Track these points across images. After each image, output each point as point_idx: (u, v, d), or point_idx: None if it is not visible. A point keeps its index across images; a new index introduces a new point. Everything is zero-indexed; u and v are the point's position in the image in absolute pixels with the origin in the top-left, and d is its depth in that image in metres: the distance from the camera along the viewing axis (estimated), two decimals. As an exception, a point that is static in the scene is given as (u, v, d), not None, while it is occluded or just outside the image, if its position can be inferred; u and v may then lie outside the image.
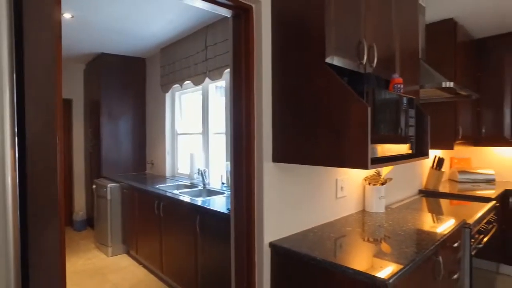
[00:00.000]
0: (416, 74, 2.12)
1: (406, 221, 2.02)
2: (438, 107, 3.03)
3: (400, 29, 1.90)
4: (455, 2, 2.73)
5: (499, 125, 3.55)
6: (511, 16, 3.04)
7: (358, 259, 1.42)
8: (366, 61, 1.56)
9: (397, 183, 2.66)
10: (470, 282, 2.09)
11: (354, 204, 2.22)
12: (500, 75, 3.53)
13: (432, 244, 1.58)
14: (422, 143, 1.83)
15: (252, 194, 1.65)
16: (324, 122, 1.42)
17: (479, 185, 3.44)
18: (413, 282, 1.42)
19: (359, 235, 1.76)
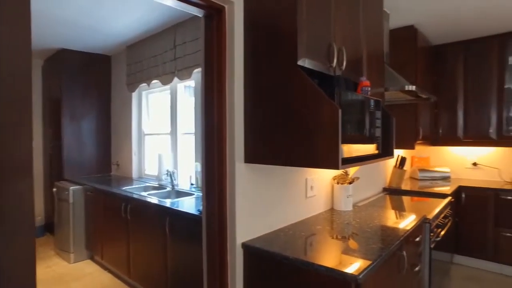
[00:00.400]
0: (382, 77, 2.21)
1: (372, 219, 2.10)
2: (400, 109, 3.19)
3: (367, 34, 1.98)
4: (414, 10, 2.88)
5: (453, 126, 3.80)
6: (464, 25, 3.26)
7: (329, 257, 1.46)
8: (336, 64, 1.60)
9: (363, 182, 2.77)
10: (429, 273, 2.22)
11: (323, 203, 2.28)
12: (454, 80, 3.78)
13: (397, 240, 1.66)
14: (388, 143, 1.91)
15: (224, 194, 1.64)
16: (296, 123, 1.44)
17: (437, 182, 3.66)
18: (380, 276, 1.48)
19: (329, 233, 1.81)
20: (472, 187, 3.45)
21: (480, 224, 3.40)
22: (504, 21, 3.18)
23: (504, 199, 3.28)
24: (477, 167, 3.90)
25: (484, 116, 3.61)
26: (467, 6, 2.82)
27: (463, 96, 3.73)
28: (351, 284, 1.28)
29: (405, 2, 2.70)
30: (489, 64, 3.58)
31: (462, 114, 3.75)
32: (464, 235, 3.47)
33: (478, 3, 2.76)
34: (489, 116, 3.58)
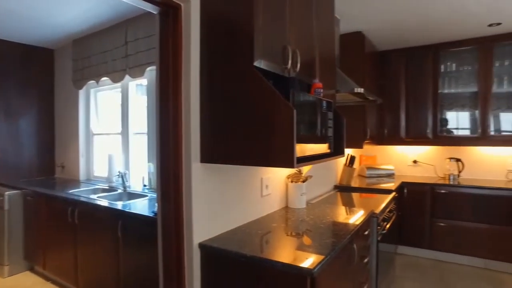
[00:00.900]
0: (333, 79, 2.32)
1: (325, 215, 2.19)
2: (350, 110, 3.36)
3: (320, 38, 2.07)
4: (361, 17, 3.06)
5: (397, 127, 4.09)
6: (406, 34, 3.53)
7: (285, 253, 1.51)
8: (290, 66, 1.65)
9: (316, 180, 2.87)
10: (376, 263, 2.37)
11: (278, 201, 2.34)
12: (397, 84, 4.08)
13: (348, 234, 1.75)
14: (339, 142, 2.01)
15: (180, 195, 1.62)
16: (252, 123, 1.47)
17: (383, 179, 3.91)
18: (333, 269, 1.56)
19: (284, 230, 1.86)
20: (412, 182, 3.75)
21: (419, 216, 3.70)
22: (437, 33, 3.50)
23: (438, 192, 3.61)
24: (416, 164, 4.24)
25: (422, 118, 3.94)
26: (406, 18, 3.05)
27: (405, 99, 4.04)
28: (306, 278, 1.33)
29: (353, 9, 2.86)
30: (426, 70, 3.91)
31: (404, 115, 4.05)
32: (405, 227, 3.75)
33: (415, 17, 3.00)
34: (426, 118, 3.92)
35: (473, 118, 3.78)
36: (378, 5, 2.80)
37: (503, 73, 3.63)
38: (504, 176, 3.80)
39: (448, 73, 3.90)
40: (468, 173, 3.91)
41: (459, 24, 3.26)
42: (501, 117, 3.68)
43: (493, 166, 3.86)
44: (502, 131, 3.67)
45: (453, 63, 3.89)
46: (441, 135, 3.89)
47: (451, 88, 3.89)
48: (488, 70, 3.63)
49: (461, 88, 3.84)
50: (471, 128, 3.80)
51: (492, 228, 3.38)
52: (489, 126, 3.65)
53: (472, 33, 3.54)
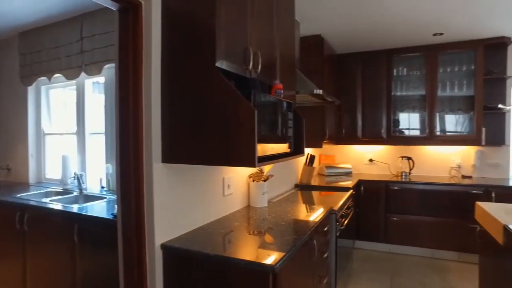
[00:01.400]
0: (293, 80, 2.39)
1: (286, 213, 2.25)
2: (309, 111, 3.47)
3: (280, 40, 2.12)
4: (320, 21, 3.17)
5: (354, 127, 4.28)
6: (362, 39, 3.70)
7: (247, 251, 1.53)
8: (251, 67, 1.68)
9: (277, 179, 2.93)
10: (335, 258, 2.47)
11: (240, 201, 2.36)
12: (354, 86, 4.27)
13: (308, 231, 1.82)
14: (299, 142, 2.08)
15: (141, 196, 1.59)
16: (214, 124, 1.48)
17: (341, 177, 4.08)
18: (294, 265, 1.61)
19: (246, 229, 1.89)
20: (368, 180, 3.94)
21: (374, 212, 3.91)
22: (390, 39, 3.72)
23: (392, 189, 3.83)
24: (372, 163, 4.47)
25: (377, 119, 4.16)
26: (361, 24, 3.21)
27: (361, 101, 4.24)
28: (269, 274, 1.37)
29: (313, 13, 2.95)
30: (380, 74, 4.14)
31: (360, 116, 4.25)
32: (362, 222, 3.94)
33: (369, 24, 3.17)
34: (381, 119, 4.14)
35: (422, 119, 4.06)
36: (335, 10, 2.92)
37: (446, 78, 3.94)
38: (447, 173, 4.12)
39: (400, 77, 4.16)
40: (418, 171, 4.19)
41: (408, 32, 3.48)
42: (445, 118, 3.99)
43: (438, 164, 4.18)
44: (446, 131, 3.97)
45: (405, 67, 4.14)
46: (394, 135, 4.13)
47: (402, 91, 4.14)
48: (433, 75, 3.91)
49: (412, 91, 4.10)
50: (420, 129, 4.08)
51: (438, 220, 3.66)
52: (435, 126, 3.93)
53: (420, 41, 3.80)
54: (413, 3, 2.78)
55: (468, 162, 4.07)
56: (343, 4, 2.79)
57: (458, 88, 3.91)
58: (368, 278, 3.25)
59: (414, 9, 2.90)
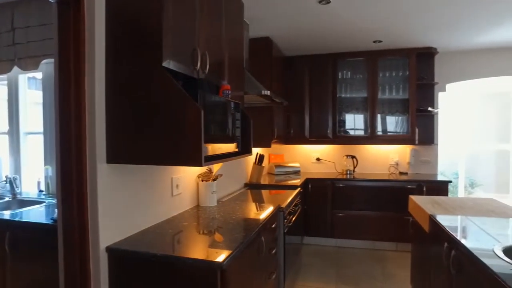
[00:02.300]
0: (242, 81, 2.43)
1: (235, 211, 2.29)
2: (258, 111, 3.54)
3: (229, 41, 2.15)
4: (269, 23, 3.25)
5: (302, 127, 4.45)
6: (308, 42, 3.86)
7: (196, 250, 1.55)
8: (199, 68, 1.70)
9: (226, 179, 2.96)
10: (284, 254, 2.56)
11: (189, 200, 2.35)
12: (302, 88, 4.43)
13: (256, 228, 1.87)
14: (246, 142, 2.12)
15: (84, 199, 1.53)
16: (161, 123, 1.47)
17: (290, 176, 4.21)
18: (243, 261, 1.65)
19: (196, 228, 1.89)
20: (316, 178, 4.12)
21: (321, 208, 4.09)
22: (335, 43, 3.92)
23: (337, 186, 4.05)
24: (319, 161, 4.68)
25: (323, 119, 4.36)
26: (308, 28, 3.35)
27: (308, 102, 4.41)
28: (217, 271, 1.39)
29: (261, 15, 3.02)
30: (326, 76, 4.34)
31: (308, 117, 4.42)
32: (310, 219, 4.11)
33: (316, 29, 3.32)
34: (327, 119, 4.35)
35: (364, 120, 4.33)
36: (283, 14, 3.02)
37: (385, 82, 4.25)
38: (387, 170, 4.45)
39: (345, 79, 4.40)
40: (361, 168, 4.46)
41: (351, 38, 3.71)
42: (385, 119, 4.30)
43: (379, 162, 4.49)
44: (386, 131, 4.29)
45: (349, 71, 4.40)
46: (339, 135, 4.36)
47: (347, 93, 4.39)
48: (374, 79, 4.20)
49: (355, 94, 4.36)
50: (363, 129, 4.35)
51: (378, 214, 3.93)
52: (376, 127, 4.22)
53: (362, 46, 4.06)
54: (354, 13, 2.97)
55: (405, 159, 4.43)
56: (290, 9, 2.90)
57: (396, 92, 4.23)
58: (316, 272, 3.40)
59: (355, 18, 3.09)
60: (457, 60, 4.32)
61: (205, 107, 1.51)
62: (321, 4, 2.77)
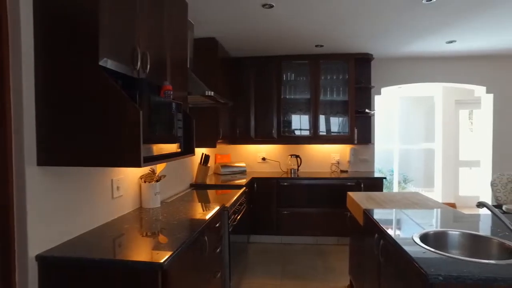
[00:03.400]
0: (185, 82, 2.42)
1: (179, 212, 2.28)
2: (203, 112, 3.53)
3: (172, 41, 2.13)
4: (214, 24, 3.27)
5: (247, 127, 4.52)
6: (254, 44, 3.94)
7: (137, 252, 1.52)
8: (139, 67, 1.67)
9: (171, 179, 2.93)
10: (229, 252, 2.60)
11: (131, 202, 2.29)
12: (248, 89, 4.51)
13: (199, 227, 1.88)
14: (189, 142, 2.12)
15: (9, 205, 1.43)
16: (97, 124, 1.43)
17: (236, 175, 4.26)
18: (185, 261, 1.65)
19: (137, 230, 1.86)
20: (261, 177, 4.22)
21: (267, 207, 4.20)
22: (280, 46, 4.05)
23: (282, 185, 4.18)
24: (265, 161, 4.79)
25: (268, 120, 4.48)
26: (253, 30, 3.43)
27: (254, 103, 4.50)
28: (158, 271, 1.39)
29: (206, 15, 3.03)
30: (271, 78, 4.46)
31: (253, 117, 4.51)
32: (257, 217, 4.20)
33: (260, 31, 3.41)
34: (272, 120, 4.47)
35: (308, 120, 4.52)
36: (228, 16, 3.05)
37: (327, 85, 4.48)
38: (329, 168, 4.69)
39: (289, 81, 4.55)
40: (305, 167, 4.65)
41: (294, 41, 3.86)
42: (327, 120, 4.53)
43: (322, 160, 4.72)
44: (328, 131, 4.52)
45: (293, 73, 4.56)
46: (284, 135, 4.50)
47: (291, 95, 4.55)
48: (317, 82, 4.41)
49: (299, 95, 4.53)
50: (307, 129, 4.53)
51: (321, 211, 4.14)
52: (318, 127, 4.43)
53: (305, 50, 4.24)
54: (297, 18, 3.10)
55: (345, 158, 4.71)
56: (234, 12, 2.94)
57: (336, 94, 4.48)
58: (262, 269, 3.49)
59: (298, 23, 3.23)
60: (390, 66, 4.70)
61: (145, 107, 1.49)
62: (265, 8, 2.86)
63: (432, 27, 3.38)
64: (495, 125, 4.78)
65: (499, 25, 3.36)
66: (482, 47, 4.18)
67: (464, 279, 1.22)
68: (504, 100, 4.75)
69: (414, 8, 2.88)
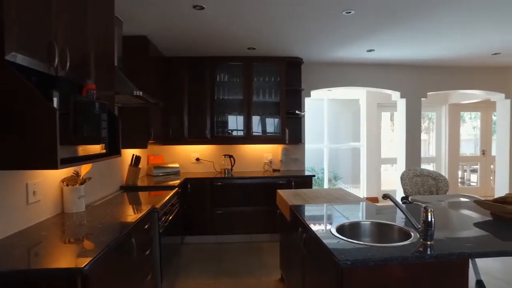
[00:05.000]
0: (112, 81, 2.33)
1: (105, 215, 2.20)
2: (133, 112, 3.42)
3: (96, 38, 2.04)
4: (145, 23, 3.19)
5: (181, 128, 4.48)
6: (188, 44, 3.92)
7: (55, 260, 1.45)
8: (58, 64, 1.58)
9: (98, 182, 2.79)
10: (160, 254, 2.57)
11: (51, 208, 2.14)
12: (181, 89, 4.46)
13: (125, 230, 1.84)
14: (114, 143, 2.06)
15: None
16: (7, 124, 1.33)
17: (170, 176, 4.20)
18: (110, 264, 1.60)
19: (58, 237, 1.75)
20: (195, 178, 4.22)
21: (201, 207, 4.21)
22: (213, 47, 4.08)
23: (216, 185, 4.22)
24: (199, 161, 4.79)
25: (202, 120, 4.48)
26: (186, 30, 3.41)
27: (187, 103, 4.47)
28: (77, 278, 1.33)
29: (136, 13, 2.94)
30: (205, 79, 4.47)
31: (187, 118, 4.48)
32: (191, 218, 4.18)
33: (194, 32, 3.41)
34: (206, 120, 4.48)
35: (242, 121, 4.61)
36: (158, 15, 3.00)
37: (260, 87, 4.62)
38: (262, 168, 4.85)
39: (223, 82, 4.60)
40: (239, 167, 4.75)
41: (227, 43, 3.92)
42: (260, 120, 4.67)
43: (255, 160, 4.86)
44: (261, 132, 4.66)
45: (226, 74, 4.62)
46: (217, 135, 4.54)
47: (225, 95, 4.60)
48: (250, 83, 4.52)
49: (232, 96, 4.61)
50: (241, 129, 4.62)
51: (254, 209, 4.26)
52: (252, 128, 4.55)
53: (238, 52, 4.32)
54: (228, 21, 3.16)
55: (277, 158, 4.90)
56: (165, 11, 2.90)
57: (269, 96, 4.64)
58: (197, 269, 3.49)
59: (229, 25, 3.29)
60: (319, 70, 5.02)
61: (64, 107, 1.43)
62: (196, 9, 2.87)
63: (353, 36, 3.70)
64: (407, 126, 5.37)
65: (409, 38, 3.80)
66: (396, 56, 4.67)
67: (367, 261, 1.39)
68: (414, 104, 5.37)
69: (335, 18, 3.13)
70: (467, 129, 8.42)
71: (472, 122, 8.32)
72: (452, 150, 7.38)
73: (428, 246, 1.53)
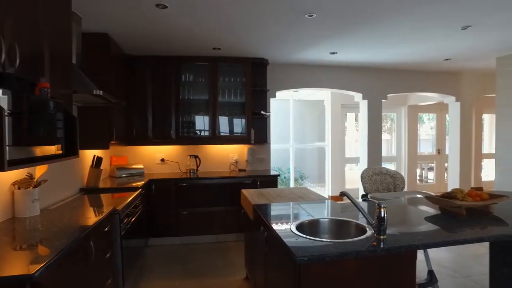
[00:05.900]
0: (69, 79, 2.24)
1: (62, 219, 2.12)
2: (94, 112, 3.30)
3: (51, 34, 1.96)
4: (106, 19, 3.09)
5: (145, 128, 4.38)
6: (152, 43, 3.84)
7: (5, 267, 1.38)
8: (5, 60, 1.51)
9: (54, 184, 2.67)
10: (121, 257, 2.51)
11: (0, 213, 2.03)
12: (145, 88, 4.37)
13: (82, 233, 1.79)
14: (71, 143, 1.99)
15: None
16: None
17: (134, 178, 4.10)
18: (65, 269, 1.56)
19: (7, 244, 1.67)
20: (159, 179, 4.14)
21: (166, 208, 4.15)
22: (178, 47, 4.04)
23: (181, 186, 4.18)
24: (164, 162, 4.71)
25: (167, 120, 4.41)
26: (149, 29, 3.35)
27: (151, 103, 4.38)
28: (25, 284, 1.28)
29: (96, 9, 2.84)
30: (170, 78, 4.41)
31: (151, 118, 4.39)
32: (155, 220, 4.11)
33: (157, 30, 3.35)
34: (170, 120, 4.42)
35: (207, 121, 4.59)
36: (120, 13, 2.92)
37: (225, 87, 4.62)
38: (228, 168, 4.85)
39: (188, 82, 4.55)
40: (205, 167, 4.72)
41: (192, 43, 3.89)
42: (226, 121, 4.67)
43: (221, 160, 4.86)
44: (227, 132, 4.66)
45: (191, 74, 4.57)
46: (182, 135, 4.49)
47: (190, 95, 4.55)
48: (215, 83, 4.51)
49: (198, 96, 4.57)
50: (206, 130, 4.60)
51: (220, 209, 4.26)
52: (217, 128, 4.54)
53: (203, 52, 4.30)
54: (191, 20, 3.14)
55: (243, 158, 4.92)
56: (127, 9, 2.83)
57: (234, 96, 4.65)
58: (161, 271, 3.43)
59: (192, 25, 3.27)
60: (284, 71, 5.10)
61: (14, 106, 1.36)
62: (159, 8, 2.83)
63: (317, 38, 3.80)
64: (369, 126, 5.60)
65: (369, 42, 3.97)
66: (358, 59, 4.85)
67: (324, 257, 1.45)
68: (375, 105, 5.60)
69: (298, 21, 3.20)
70: (425, 130, 8.93)
71: (430, 123, 8.83)
72: (411, 150, 7.77)
73: (381, 240, 1.61)
